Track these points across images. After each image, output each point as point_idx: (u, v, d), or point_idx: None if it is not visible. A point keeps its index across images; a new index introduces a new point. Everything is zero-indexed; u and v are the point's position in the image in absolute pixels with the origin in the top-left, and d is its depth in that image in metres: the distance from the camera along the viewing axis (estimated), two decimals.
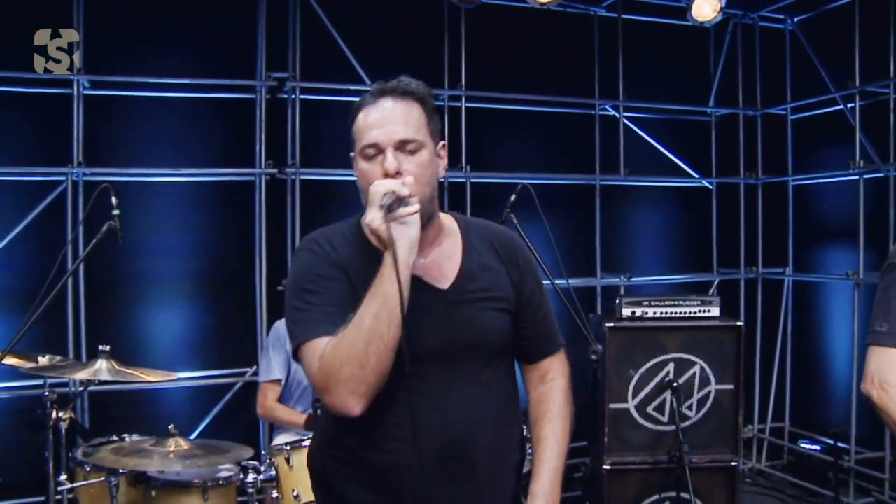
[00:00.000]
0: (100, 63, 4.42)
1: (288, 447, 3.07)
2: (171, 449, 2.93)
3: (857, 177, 5.09)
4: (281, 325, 4.18)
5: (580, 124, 5.59)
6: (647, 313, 4.08)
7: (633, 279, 5.48)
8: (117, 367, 3.01)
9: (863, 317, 5.06)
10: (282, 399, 4.01)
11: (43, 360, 3.40)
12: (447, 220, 1.96)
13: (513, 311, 1.92)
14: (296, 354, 1.76)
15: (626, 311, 4.10)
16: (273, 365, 4.00)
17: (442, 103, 5.20)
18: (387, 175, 1.73)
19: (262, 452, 3.50)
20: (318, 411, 3.13)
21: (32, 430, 3.34)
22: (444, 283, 1.85)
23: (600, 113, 5.57)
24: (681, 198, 5.96)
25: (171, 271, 4.68)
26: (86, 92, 4.39)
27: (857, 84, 5.07)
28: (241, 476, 3.18)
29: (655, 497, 3.97)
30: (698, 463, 3.90)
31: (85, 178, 4.38)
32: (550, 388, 2.04)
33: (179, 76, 4.56)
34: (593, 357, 3.09)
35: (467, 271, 1.87)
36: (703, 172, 5.90)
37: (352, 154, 1.85)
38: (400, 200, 1.67)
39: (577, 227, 5.54)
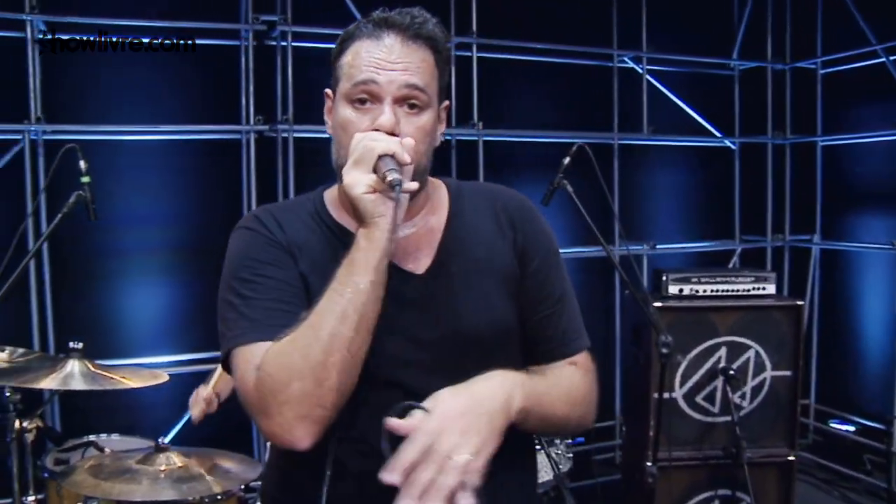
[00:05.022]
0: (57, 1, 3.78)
1: None
2: (163, 468, 2.41)
3: None
4: None
5: (598, 77, 5.09)
6: (696, 291, 3.64)
7: (658, 247, 5.02)
8: (92, 370, 2.47)
9: None
10: None
11: (2, 355, 2.84)
12: (437, 186, 1.54)
13: (514, 291, 1.47)
14: (225, 364, 1.37)
15: (674, 289, 3.65)
16: None
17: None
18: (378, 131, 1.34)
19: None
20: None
21: None
22: (421, 265, 1.44)
23: (619, 65, 5.08)
24: (701, 158, 5.51)
25: (149, 243, 4.10)
26: (41, 36, 3.75)
27: None
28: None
29: (706, 495, 3.58)
30: (753, 458, 3.49)
31: (45, 137, 3.78)
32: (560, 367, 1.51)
33: (152, 18, 3.94)
34: (664, 351, 2.63)
35: (450, 243, 1.46)
36: (726, 131, 5.44)
37: (327, 91, 1.47)
38: (399, 167, 1.28)
39: (593, 191, 5.07)
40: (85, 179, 2.39)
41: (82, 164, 2.42)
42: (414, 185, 1.30)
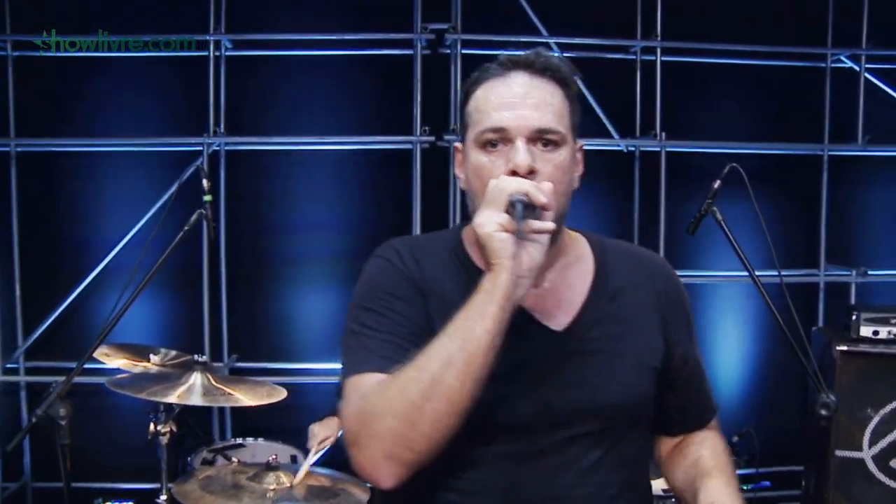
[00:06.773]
0: (241, 21, 3.99)
1: None
2: (271, 487, 2.44)
3: None
4: None
5: (804, 81, 4.53)
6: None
7: (870, 274, 4.39)
8: (214, 384, 2.54)
9: None
10: None
11: (154, 359, 3.03)
12: (574, 238, 1.48)
13: (659, 367, 1.41)
14: (341, 392, 1.35)
15: (866, 330, 3.16)
16: None
17: (634, 57, 4.36)
18: (514, 174, 1.28)
19: None
20: None
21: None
22: (561, 322, 1.37)
23: (833, 66, 4.49)
24: None
25: (319, 250, 4.21)
26: (227, 53, 3.99)
27: None
28: None
29: None
30: None
31: (226, 148, 4.01)
32: (699, 441, 1.52)
33: (327, 31, 4.05)
34: (823, 413, 2.24)
35: (596, 306, 1.39)
36: None
37: (457, 145, 1.44)
38: (533, 209, 1.22)
39: (796, 208, 4.55)
40: (207, 198, 2.46)
41: (205, 182, 2.49)
42: (550, 226, 1.24)
